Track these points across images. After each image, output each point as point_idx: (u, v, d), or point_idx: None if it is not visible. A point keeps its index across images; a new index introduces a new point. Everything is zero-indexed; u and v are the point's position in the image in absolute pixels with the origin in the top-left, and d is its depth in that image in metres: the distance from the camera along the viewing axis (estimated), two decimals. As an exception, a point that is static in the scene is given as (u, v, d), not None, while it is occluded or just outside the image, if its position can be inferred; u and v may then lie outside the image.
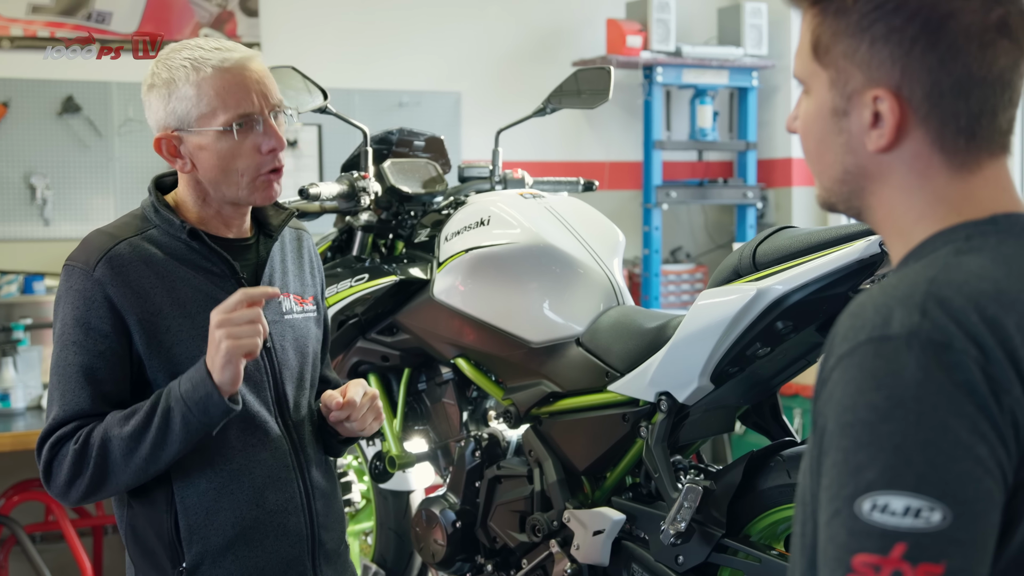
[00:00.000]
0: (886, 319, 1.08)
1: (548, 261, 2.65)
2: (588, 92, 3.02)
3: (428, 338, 2.84)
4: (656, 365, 2.34)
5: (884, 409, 1.05)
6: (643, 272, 5.76)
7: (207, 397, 1.91)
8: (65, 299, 2.01)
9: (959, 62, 1.16)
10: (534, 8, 5.76)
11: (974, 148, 1.18)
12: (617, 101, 5.80)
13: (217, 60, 2.00)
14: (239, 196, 2.06)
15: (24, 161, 4.84)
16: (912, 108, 1.17)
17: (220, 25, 5.17)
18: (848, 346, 1.10)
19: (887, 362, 1.06)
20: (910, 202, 1.21)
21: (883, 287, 1.13)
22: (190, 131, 2.01)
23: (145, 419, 1.94)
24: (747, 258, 2.24)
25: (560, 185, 3.19)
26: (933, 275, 1.11)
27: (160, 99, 2.02)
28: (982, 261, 1.13)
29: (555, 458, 2.60)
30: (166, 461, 1.96)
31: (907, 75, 1.17)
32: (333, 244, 3.09)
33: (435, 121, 5.47)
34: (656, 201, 5.67)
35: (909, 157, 1.19)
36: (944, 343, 1.05)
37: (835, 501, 1.05)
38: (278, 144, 2.04)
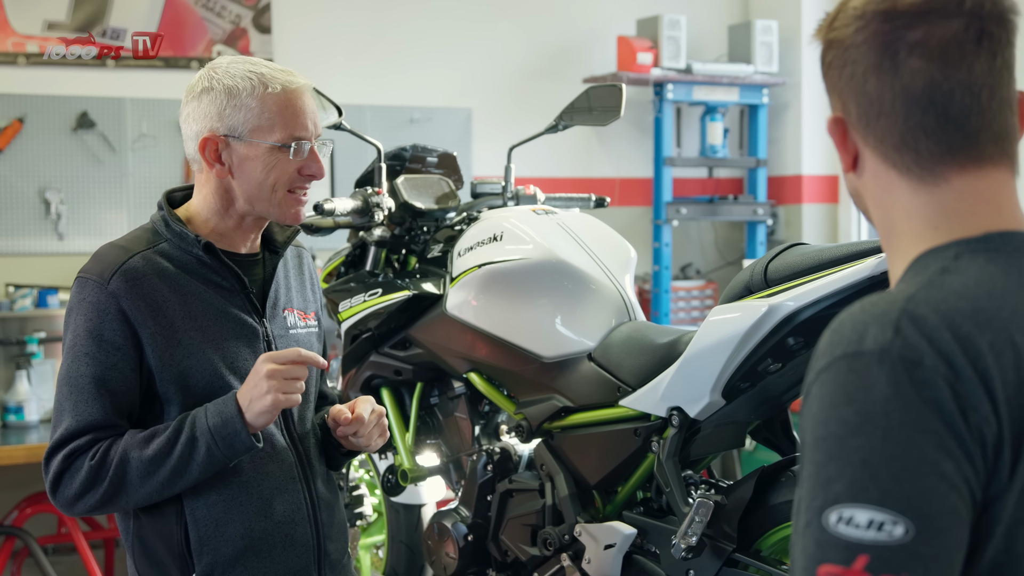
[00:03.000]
0: (861, 335, 1.11)
1: (560, 277, 2.67)
2: (600, 109, 3.04)
3: (441, 352, 2.86)
4: (668, 380, 2.35)
5: (854, 424, 1.08)
6: (653, 288, 5.77)
7: (235, 435, 1.96)
8: (78, 311, 2.04)
9: (872, 84, 1.22)
10: (545, 25, 5.79)
11: (925, 163, 1.22)
12: (628, 118, 5.82)
13: (284, 80, 2.07)
14: (268, 211, 2.10)
15: (39, 176, 4.88)
16: (852, 130, 1.26)
17: (233, 42, 5.21)
18: (825, 361, 1.13)
19: (859, 377, 1.09)
20: (887, 216, 1.27)
21: (863, 304, 1.16)
22: (240, 140, 2.06)
23: (167, 444, 1.97)
24: (759, 274, 2.26)
25: (572, 201, 3.21)
26: (912, 293, 1.14)
27: (214, 104, 2.07)
28: (965, 280, 1.15)
29: (567, 472, 2.61)
30: (182, 487, 2.01)
31: (844, 99, 1.26)
32: (347, 259, 3.12)
33: (446, 137, 5.51)
34: (666, 218, 5.69)
35: (870, 175, 1.26)
36: (914, 360, 1.08)
37: (807, 512, 1.08)
38: (318, 171, 2.12)
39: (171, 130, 4.99)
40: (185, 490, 2.04)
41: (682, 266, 6.10)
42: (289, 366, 1.97)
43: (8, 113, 4.82)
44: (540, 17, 5.79)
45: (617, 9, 5.87)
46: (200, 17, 5.17)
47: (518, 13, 5.75)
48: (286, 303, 2.23)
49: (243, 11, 5.24)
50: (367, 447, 2.21)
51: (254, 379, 1.97)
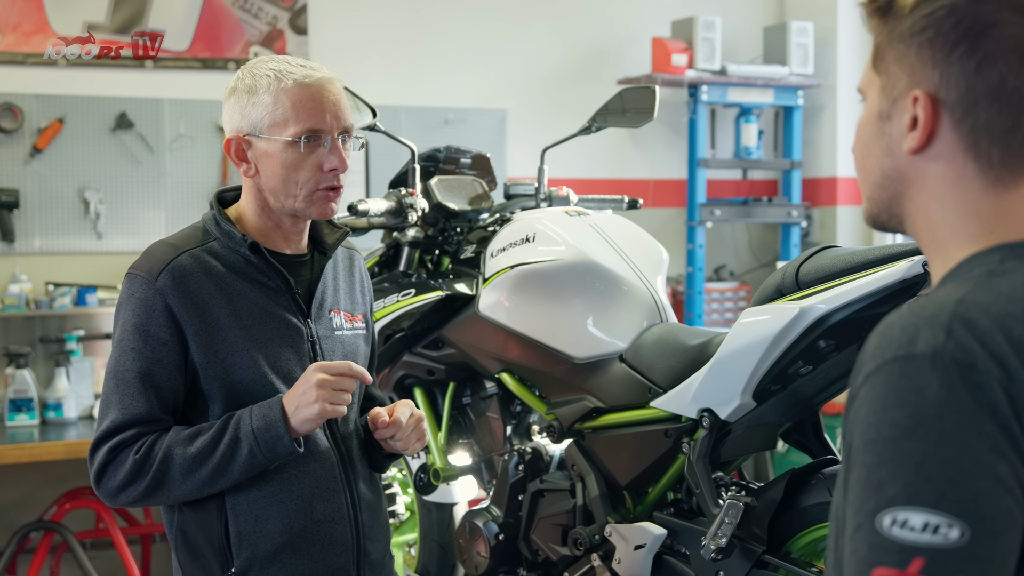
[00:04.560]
0: (912, 338, 1.10)
1: (592, 278, 2.68)
2: (633, 111, 3.05)
3: (473, 353, 2.88)
4: (699, 382, 2.36)
5: (907, 427, 1.07)
6: (686, 290, 5.77)
7: (278, 439, 1.99)
8: (126, 306, 2.07)
9: (995, 71, 1.17)
10: (580, 26, 5.80)
11: (1010, 162, 1.19)
12: (662, 119, 5.83)
13: (300, 75, 2.07)
14: (296, 208, 2.11)
15: (78, 176, 4.93)
16: (947, 111, 1.20)
17: (270, 43, 5.26)
18: (875, 364, 1.12)
19: (911, 380, 1.08)
20: (944, 212, 1.23)
21: (912, 307, 1.15)
22: (260, 137, 2.08)
23: (211, 443, 2.00)
24: (790, 277, 2.26)
25: (604, 203, 3.22)
26: (962, 296, 1.13)
27: (238, 103, 2.10)
28: (1013, 283, 1.14)
29: (597, 473, 2.62)
30: (223, 486, 2.04)
31: (945, 78, 1.19)
32: (380, 259, 3.14)
33: (480, 138, 5.53)
34: (700, 219, 5.69)
35: (943, 163, 1.21)
36: (968, 363, 1.07)
37: (858, 516, 1.07)
38: (340, 165, 2.09)
39: (208, 130, 5.05)
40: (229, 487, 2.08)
41: (716, 268, 6.09)
42: (339, 377, 2.00)
43: (48, 114, 4.88)
44: (575, 18, 5.80)
45: (652, 11, 5.87)
46: (237, 18, 5.22)
47: (553, 14, 5.77)
48: (333, 304, 2.24)
49: (280, 12, 5.28)
50: (405, 450, 2.22)
51: (303, 386, 2.00)
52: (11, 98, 4.81)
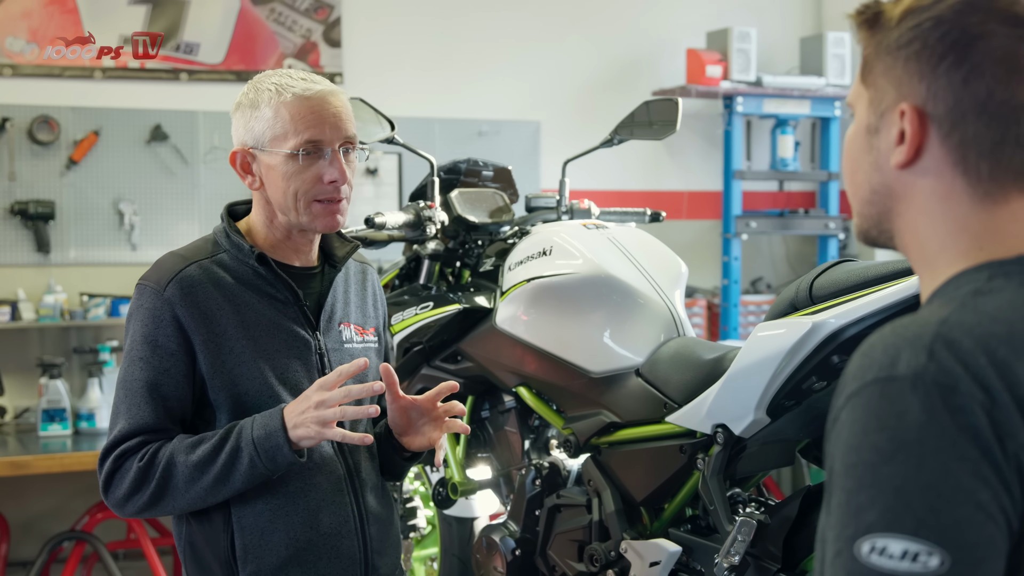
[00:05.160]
0: (893, 359, 1.08)
1: (609, 292, 2.66)
2: (656, 123, 3.04)
3: (490, 366, 2.86)
4: (712, 397, 2.33)
5: (887, 451, 1.04)
6: (722, 302, 5.72)
7: (277, 448, 1.97)
8: (135, 317, 2.08)
9: (983, 83, 1.15)
10: (614, 38, 5.79)
11: (999, 177, 1.16)
12: (697, 131, 5.80)
13: (300, 88, 2.07)
14: (300, 221, 2.11)
15: (113, 187, 4.98)
16: (934, 125, 1.17)
17: (304, 55, 5.28)
18: (856, 386, 1.09)
19: (892, 403, 1.05)
20: (932, 228, 1.20)
21: (895, 327, 1.12)
22: (263, 150, 2.09)
23: (212, 452, 2.00)
24: (804, 292, 2.23)
25: (627, 216, 3.20)
26: (945, 316, 1.10)
27: (243, 117, 2.11)
28: (999, 303, 1.11)
29: (614, 488, 2.60)
30: (225, 495, 2.02)
31: (931, 91, 1.17)
32: (401, 272, 3.14)
33: (514, 150, 5.52)
34: (736, 231, 5.65)
35: (931, 177, 1.18)
36: (949, 385, 1.04)
37: (837, 541, 1.05)
38: (340, 177, 2.09)
39: (242, 143, 5.07)
40: (233, 498, 2.07)
41: (752, 280, 6.04)
42: (335, 408, 1.96)
43: (85, 126, 4.93)
44: (609, 30, 5.78)
45: (687, 22, 5.84)
46: (271, 31, 5.25)
47: (587, 26, 5.75)
48: (343, 317, 2.24)
49: (314, 25, 5.31)
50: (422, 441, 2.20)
51: (303, 404, 1.98)
52: (48, 111, 4.87)
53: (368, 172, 5.36)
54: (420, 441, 2.22)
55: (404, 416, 2.20)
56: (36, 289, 4.86)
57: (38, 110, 4.86)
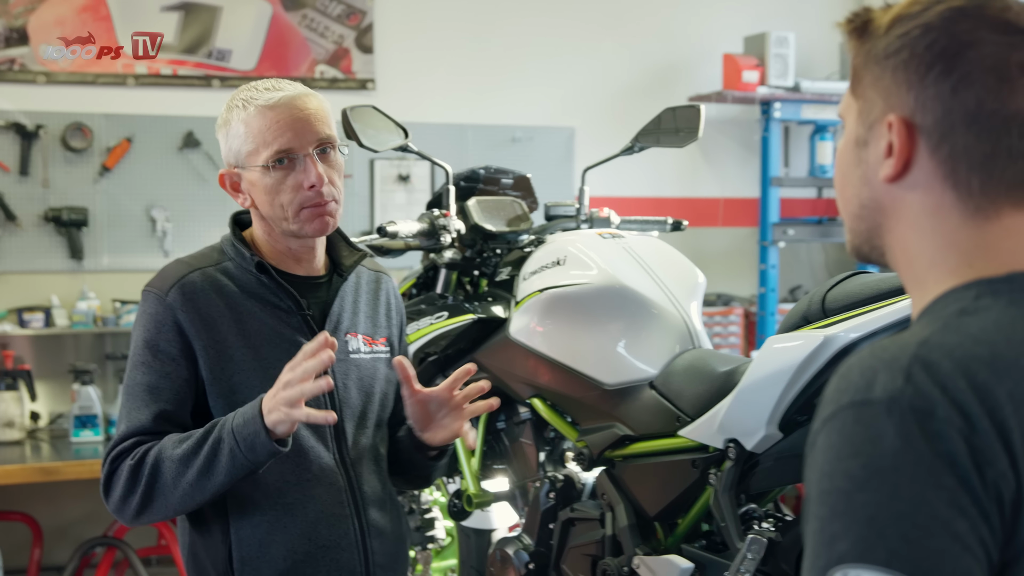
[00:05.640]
0: (869, 382, 1.03)
1: (623, 302, 2.61)
2: (677, 130, 2.98)
3: (505, 377, 2.82)
4: (723, 411, 2.27)
5: (860, 478, 0.99)
6: (759, 311, 5.65)
7: (255, 435, 1.92)
8: (139, 322, 2.08)
9: (972, 92, 1.10)
10: (650, 43, 5.73)
11: (990, 191, 1.11)
12: (734, 137, 5.74)
13: (263, 100, 2.05)
14: (292, 229, 2.10)
15: (146, 194, 5.00)
16: (923, 137, 1.12)
17: (336, 62, 5.28)
18: (831, 409, 1.05)
19: (866, 428, 1.01)
20: (922, 244, 1.15)
21: (874, 348, 1.07)
22: (244, 168, 2.08)
23: (196, 445, 1.97)
24: (816, 304, 2.17)
25: (648, 224, 3.14)
26: (925, 337, 1.05)
27: (223, 137, 2.12)
28: (983, 323, 1.06)
29: (627, 502, 2.54)
30: (212, 491, 1.98)
31: (920, 102, 1.12)
32: (418, 281, 3.11)
33: (549, 156, 5.48)
34: (773, 239, 5.57)
35: (921, 191, 1.14)
36: (926, 410, 0.99)
37: (811, 572, 1.00)
38: (317, 181, 2.06)
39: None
40: (231, 508, 2.05)
41: (791, 288, 5.96)
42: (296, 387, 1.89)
43: (117, 133, 4.96)
44: (645, 35, 5.73)
45: (723, 27, 5.78)
46: (304, 38, 5.25)
47: (622, 31, 5.70)
48: (350, 327, 2.21)
49: (346, 31, 5.31)
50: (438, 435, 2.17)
51: (275, 389, 1.93)
52: (81, 118, 4.90)
53: (400, 179, 5.34)
54: (443, 434, 2.18)
55: (423, 410, 2.17)
56: (69, 295, 4.89)
57: (71, 117, 4.89)
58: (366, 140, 2.68)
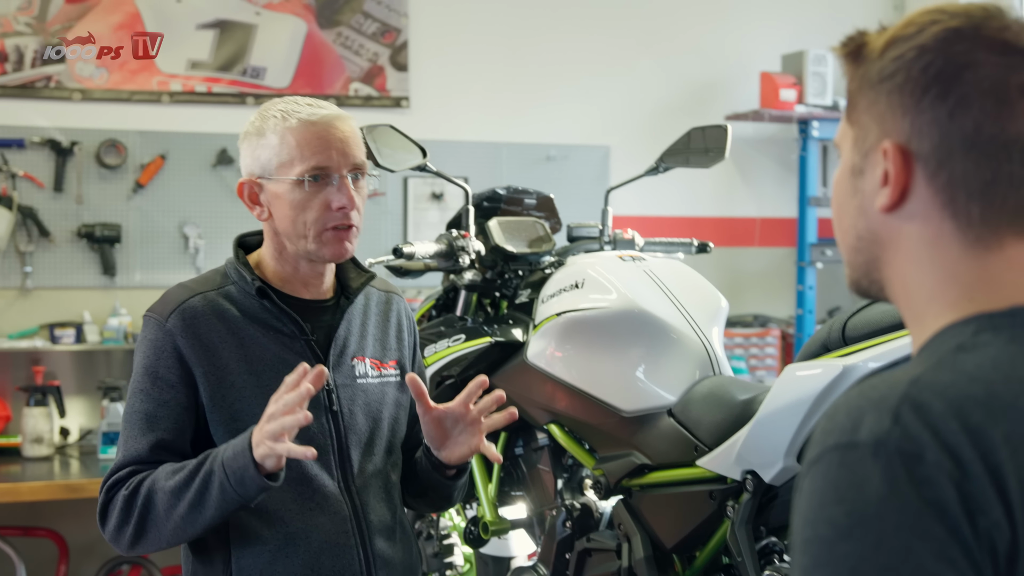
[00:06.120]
0: (856, 424, 0.97)
1: (642, 327, 2.54)
2: (703, 151, 2.93)
3: (522, 402, 2.75)
4: (741, 442, 2.21)
5: (844, 526, 0.94)
6: (796, 333, 5.56)
7: (243, 470, 1.87)
8: (140, 348, 2.05)
9: (970, 116, 1.04)
10: (686, 61, 5.67)
11: (991, 220, 1.06)
12: (771, 156, 5.66)
13: (306, 114, 2.03)
14: (308, 249, 2.06)
15: (179, 211, 4.99)
16: (920, 164, 1.07)
17: (370, 79, 5.26)
18: (816, 452, 0.99)
19: (851, 472, 0.95)
20: (921, 277, 1.09)
21: (863, 387, 1.02)
22: (270, 179, 2.04)
23: (188, 477, 1.93)
24: (836, 332, 2.11)
25: (672, 246, 3.09)
26: (917, 375, 0.99)
27: (249, 146, 2.08)
28: (981, 360, 1.00)
29: (644, 533, 2.48)
30: (203, 525, 1.93)
31: (916, 127, 1.07)
32: (438, 302, 3.06)
33: (583, 175, 5.43)
34: (810, 259, 5.49)
35: (919, 221, 1.08)
36: (915, 454, 0.93)
37: None
38: (348, 203, 2.03)
39: (307, 167, 5.05)
40: (233, 537, 2.01)
41: (829, 310, 5.85)
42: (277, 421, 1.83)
43: (151, 150, 4.95)
44: (681, 53, 5.67)
45: (761, 44, 5.70)
46: (338, 55, 5.23)
47: (659, 49, 5.64)
48: (357, 351, 2.17)
49: (380, 49, 5.28)
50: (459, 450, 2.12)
51: (262, 420, 1.88)
52: (115, 134, 4.90)
53: (434, 197, 5.31)
54: (460, 451, 2.12)
55: (439, 427, 2.11)
56: (101, 312, 4.89)
57: (106, 134, 4.89)
58: (383, 160, 2.64)
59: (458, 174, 5.25)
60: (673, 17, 5.67)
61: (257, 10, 5.11)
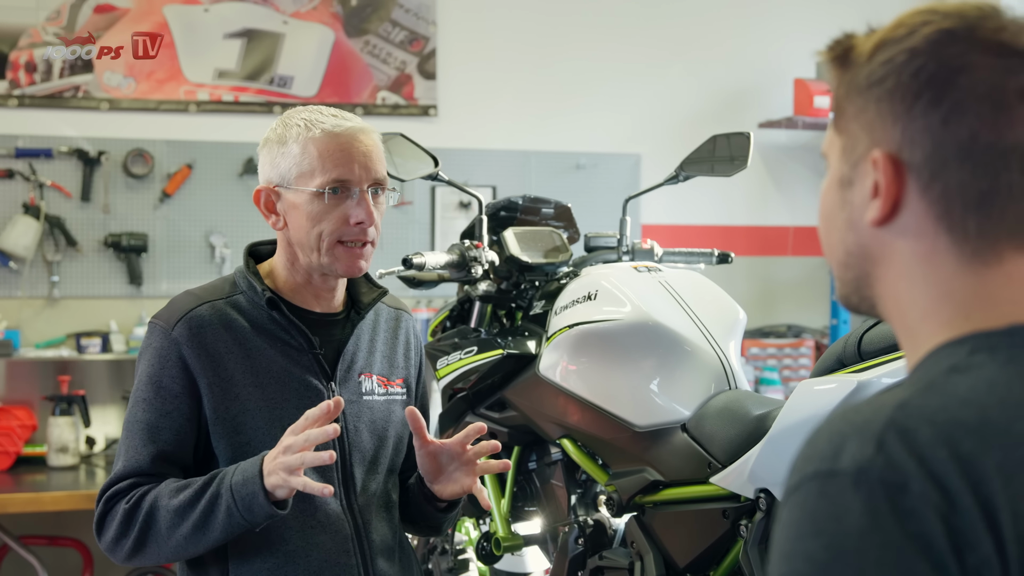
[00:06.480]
0: (837, 450, 0.91)
1: (655, 340, 2.47)
2: (725, 159, 2.86)
3: (534, 416, 2.70)
4: (754, 459, 2.13)
5: (821, 562, 0.87)
6: (831, 342, 5.45)
7: (252, 497, 1.84)
8: (143, 356, 2.01)
9: (965, 123, 0.98)
10: (719, 68, 5.59)
11: (989, 233, 0.99)
12: (805, 163, 5.58)
13: (330, 125, 1.99)
14: (322, 263, 2.02)
15: (205, 220, 4.98)
16: (912, 174, 1.01)
17: (398, 88, 5.22)
18: (795, 480, 0.93)
19: (831, 503, 0.89)
20: (914, 294, 1.03)
21: (847, 411, 0.95)
22: (288, 188, 2.00)
23: (194, 497, 1.89)
24: (852, 347, 2.03)
25: (693, 256, 3.01)
26: (905, 399, 0.93)
27: (269, 154, 2.04)
28: (974, 382, 0.93)
29: (656, 552, 2.41)
30: (206, 546, 1.90)
31: (907, 135, 1.01)
32: (452, 313, 3.00)
33: (614, 183, 5.36)
34: (845, 269, 5.38)
35: (912, 236, 1.02)
36: (899, 484, 0.87)
37: None
38: (367, 218, 1.99)
39: (333, 176, 5.01)
40: (232, 554, 1.97)
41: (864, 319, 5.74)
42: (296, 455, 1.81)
43: (178, 159, 4.95)
44: (713, 59, 5.59)
45: (795, 51, 5.61)
46: (366, 64, 5.20)
47: (691, 55, 5.57)
48: (365, 367, 2.13)
49: (408, 57, 5.25)
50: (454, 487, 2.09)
51: (276, 450, 1.86)
52: (142, 144, 4.91)
53: (462, 206, 5.26)
54: (452, 488, 2.09)
55: (434, 462, 2.08)
56: (128, 321, 4.89)
57: (133, 143, 4.89)
58: (393, 169, 2.59)
59: (486, 183, 5.24)
60: (705, 23, 5.60)
61: (284, 19, 5.09)
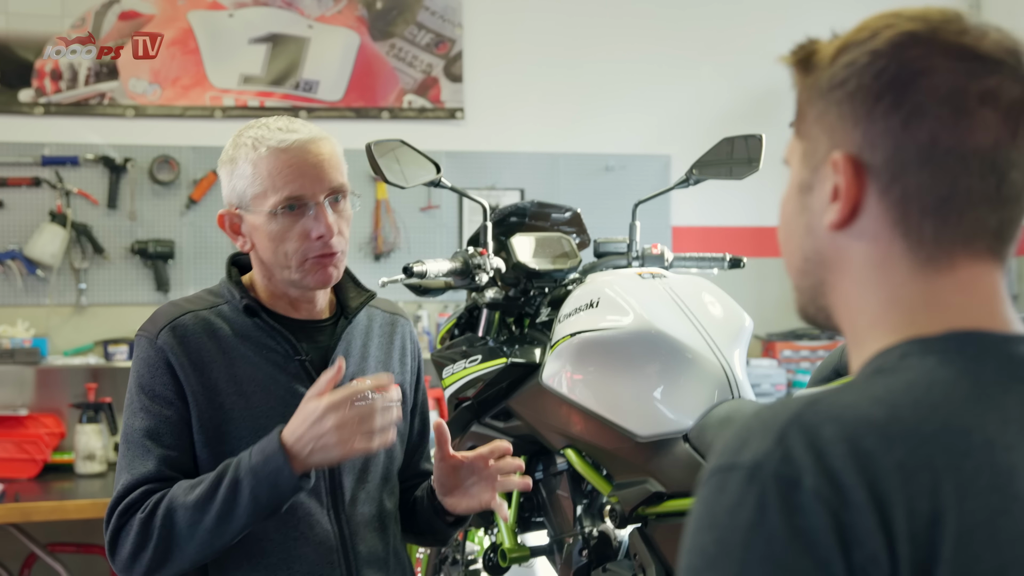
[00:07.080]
0: (741, 445, 0.90)
1: (658, 348, 2.41)
2: (737, 161, 2.80)
3: (538, 426, 2.65)
4: (753, 472, 2.08)
5: (711, 555, 0.86)
6: (859, 347, 5.36)
7: (278, 472, 1.80)
8: (133, 367, 2.00)
9: (925, 126, 0.96)
10: (749, 68, 5.52)
11: (945, 239, 0.97)
12: (838, 164, 5.48)
13: (276, 141, 1.94)
14: (293, 279, 1.99)
15: (232, 226, 4.98)
16: (872, 177, 0.99)
17: (424, 91, 5.20)
18: (704, 474, 0.92)
19: (728, 497, 0.87)
20: (864, 300, 1.01)
21: (762, 408, 0.94)
22: (247, 211, 1.97)
23: (210, 489, 1.84)
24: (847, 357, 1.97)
25: (704, 261, 2.95)
26: (817, 396, 0.91)
27: (226, 175, 2.01)
28: (893, 383, 0.92)
29: (659, 564, 2.36)
30: (232, 534, 1.85)
31: (868, 137, 0.98)
32: (460, 321, 2.96)
33: (642, 185, 5.30)
34: (877, 270, 5.29)
35: (868, 240, 1.00)
36: (791, 478, 0.85)
37: None
38: (327, 232, 1.95)
39: (360, 181, 5.01)
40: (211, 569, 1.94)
41: (901, 322, 5.65)
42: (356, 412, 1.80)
43: (204, 165, 4.96)
44: (744, 59, 5.52)
45: (828, 48, 5.52)
46: (391, 67, 5.19)
47: (720, 55, 5.51)
48: (357, 373, 2.10)
49: (434, 60, 5.22)
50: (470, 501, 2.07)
51: (317, 429, 1.80)
52: (168, 150, 4.92)
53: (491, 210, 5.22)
54: (467, 503, 2.05)
55: (453, 476, 2.05)
56: (155, 328, 4.89)
57: (159, 150, 4.91)
58: (391, 176, 2.56)
59: (514, 186, 5.20)
60: (735, 22, 5.53)
61: (310, 23, 5.09)
